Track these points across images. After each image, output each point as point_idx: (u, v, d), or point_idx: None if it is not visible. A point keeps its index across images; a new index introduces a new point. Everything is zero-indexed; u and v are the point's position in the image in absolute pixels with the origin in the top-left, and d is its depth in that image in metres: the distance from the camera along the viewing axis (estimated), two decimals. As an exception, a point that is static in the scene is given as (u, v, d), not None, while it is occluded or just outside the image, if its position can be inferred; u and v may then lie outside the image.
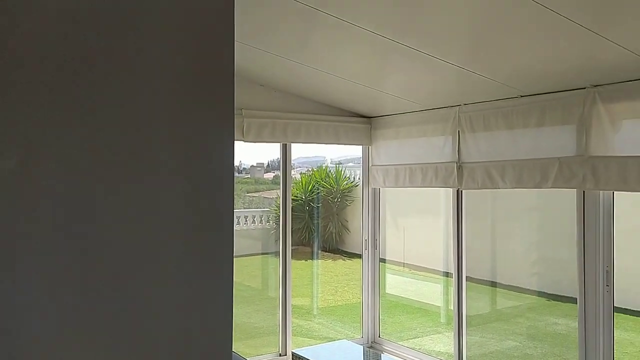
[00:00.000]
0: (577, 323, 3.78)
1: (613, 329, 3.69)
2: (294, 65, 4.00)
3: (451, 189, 4.70)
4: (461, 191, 4.64)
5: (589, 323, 3.71)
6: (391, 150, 5.18)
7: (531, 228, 5.42)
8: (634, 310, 6.41)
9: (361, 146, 5.46)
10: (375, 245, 5.57)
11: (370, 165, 5.44)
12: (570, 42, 2.91)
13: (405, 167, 4.97)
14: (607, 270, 3.61)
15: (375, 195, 5.56)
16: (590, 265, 3.65)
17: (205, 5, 1.36)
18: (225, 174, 1.58)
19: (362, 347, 3.96)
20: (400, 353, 5.09)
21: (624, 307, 6.36)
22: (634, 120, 3.33)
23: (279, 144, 5.00)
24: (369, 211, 5.56)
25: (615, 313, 3.76)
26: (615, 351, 3.75)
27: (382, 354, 3.85)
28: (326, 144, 5.13)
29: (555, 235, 5.10)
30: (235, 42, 1.22)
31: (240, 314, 6.41)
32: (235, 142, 4.70)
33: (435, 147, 4.66)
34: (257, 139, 4.62)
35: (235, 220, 8.74)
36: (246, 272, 7.55)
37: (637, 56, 2.84)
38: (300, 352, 3.88)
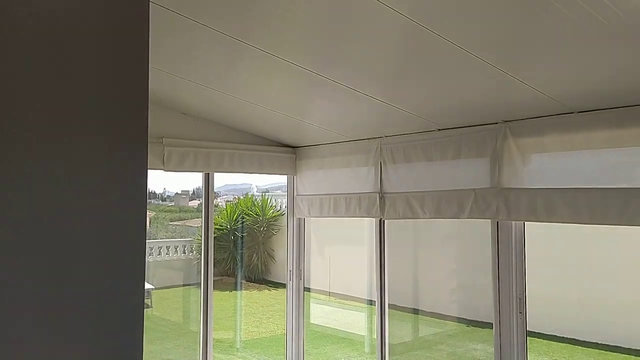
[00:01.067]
0: (493, 348, 3.90)
1: (527, 353, 3.82)
2: (216, 95, 3.96)
3: (374, 219, 4.77)
4: (383, 221, 4.72)
5: (504, 348, 3.82)
6: (316, 180, 5.21)
7: (450, 256, 5.58)
8: (546, 334, 6.72)
9: (286, 176, 5.46)
10: (299, 276, 5.54)
11: (295, 194, 5.44)
12: (481, 80, 3.06)
13: (330, 197, 5.00)
14: (519, 298, 3.76)
15: (300, 225, 5.55)
16: (504, 291, 3.79)
17: (116, 25, 1.31)
18: (137, 203, 1.49)
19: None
20: (324, 385, 5.03)
21: (537, 331, 6.66)
22: (541, 154, 3.52)
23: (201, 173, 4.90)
24: (294, 240, 5.53)
25: (529, 337, 3.91)
26: None
27: (305, 388, 3.78)
28: (250, 173, 5.09)
29: (474, 262, 5.27)
30: (152, 68, 1.18)
31: (159, 351, 6.13)
32: (156, 171, 4.56)
33: (359, 178, 4.72)
34: (179, 168, 4.51)
35: (157, 251, 8.42)
36: (167, 305, 7.27)
37: (543, 95, 3.03)
38: (220, 389, 3.73)
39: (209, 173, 4.89)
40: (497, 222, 3.82)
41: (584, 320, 6.61)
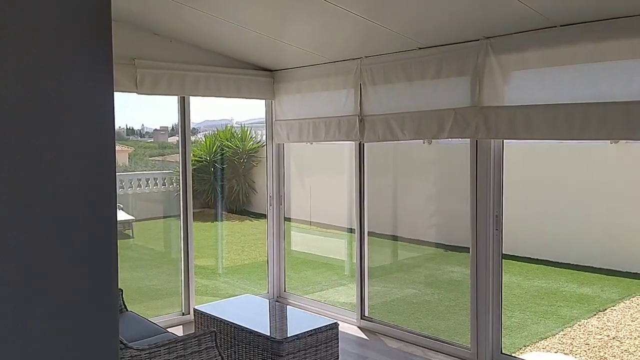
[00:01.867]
0: (469, 270, 3.99)
1: (501, 272, 3.92)
2: (190, 12, 3.78)
3: (354, 144, 4.73)
4: (363, 144, 4.69)
5: (480, 269, 3.91)
6: (294, 104, 5.12)
7: (429, 182, 5.61)
8: (520, 257, 6.91)
9: (264, 100, 5.35)
10: (280, 201, 5.55)
11: (273, 120, 5.35)
12: (464, -9, 2.95)
13: (309, 121, 4.93)
14: (496, 215, 3.81)
15: (280, 152, 5.50)
16: (481, 210, 3.84)
17: None
18: (105, 129, 1.44)
19: (267, 300, 3.95)
20: (304, 305, 5.15)
21: (512, 253, 6.85)
22: (522, 71, 3.47)
23: (176, 97, 4.77)
24: (273, 167, 5.50)
25: (504, 260, 4.01)
26: (504, 293, 4.00)
27: (286, 306, 3.86)
28: (227, 97, 4.96)
29: (452, 188, 5.31)
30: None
31: (142, 278, 6.19)
32: (129, 93, 4.41)
33: (338, 101, 4.65)
34: (152, 91, 4.37)
35: (137, 183, 8.35)
36: (148, 235, 7.28)
37: (526, 7, 2.94)
38: (202, 308, 3.79)
39: (184, 97, 4.76)
40: (476, 142, 3.81)
41: (558, 243, 6.80)
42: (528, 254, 6.91)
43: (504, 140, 3.76)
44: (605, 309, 5.31)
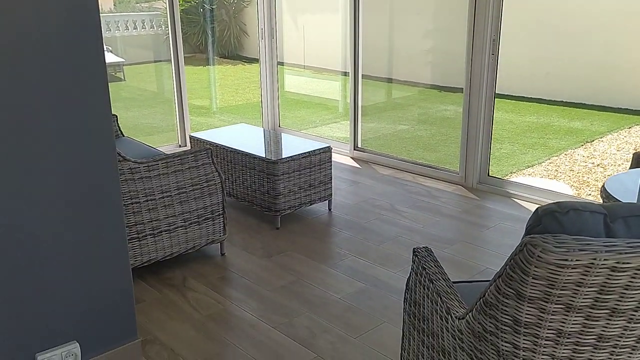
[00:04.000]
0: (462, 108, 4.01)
1: (493, 109, 3.94)
2: None
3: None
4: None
5: (473, 106, 3.93)
6: None
7: (425, 22, 5.40)
8: (514, 96, 6.93)
9: None
10: (272, 35, 5.39)
11: (262, -55, 5.01)
12: None
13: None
14: (493, 39, 3.74)
15: (270, -18, 5.24)
16: (479, 33, 3.76)
17: None
18: None
19: (262, 129, 4.00)
20: (299, 137, 5.25)
21: (506, 93, 6.85)
22: None
23: None
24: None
25: (498, 99, 4.00)
26: (495, 128, 4.05)
27: (281, 134, 3.92)
28: None
29: (449, 27, 5.12)
30: None
31: (137, 116, 6.23)
32: None
33: None
34: None
35: (124, 25, 8.05)
36: (140, 78, 7.17)
37: None
38: (198, 134, 3.85)
39: None
40: None
41: (552, 81, 6.77)
42: (522, 92, 6.92)
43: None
44: (593, 140, 5.45)
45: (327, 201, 3.72)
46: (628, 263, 1.00)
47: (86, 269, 1.96)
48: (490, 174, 4.05)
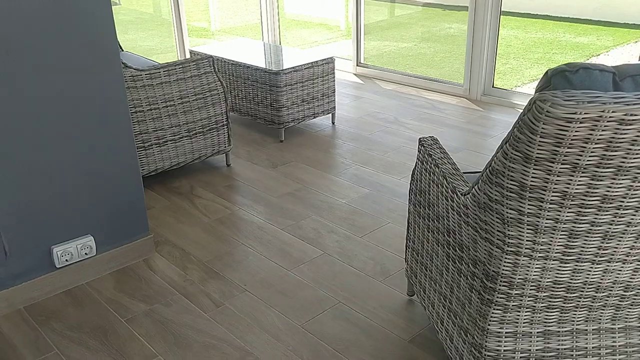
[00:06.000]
0: (467, 26, 3.90)
1: (499, 27, 3.84)
2: None
3: None
4: None
5: (478, 23, 3.83)
6: None
7: None
8: (521, 13, 6.75)
9: None
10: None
11: None
12: None
13: None
14: (500, -58, 3.60)
15: None
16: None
17: None
18: None
19: (262, 42, 3.93)
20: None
21: (512, 10, 6.68)
22: None
23: None
24: None
25: (504, 16, 3.89)
26: (500, 46, 3.96)
27: (282, 46, 3.85)
28: None
29: None
30: None
31: (134, 39, 6.11)
32: None
33: None
34: None
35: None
36: (136, 0, 6.98)
37: None
38: (198, 48, 3.79)
39: None
40: None
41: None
42: (528, 9, 6.74)
43: None
44: (599, 54, 5.36)
45: (330, 114, 3.70)
46: (636, 115, 1.01)
47: (98, 171, 1.99)
48: (494, 86, 4.02)
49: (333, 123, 3.71)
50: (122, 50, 3.58)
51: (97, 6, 1.83)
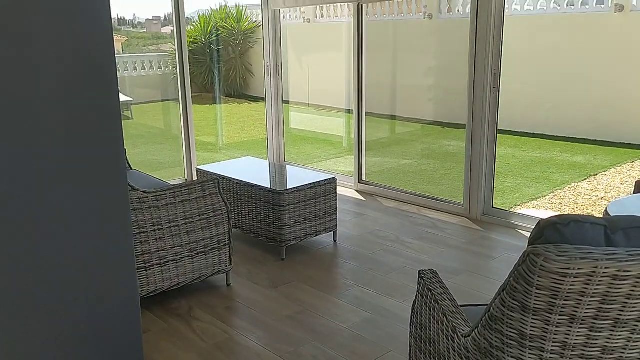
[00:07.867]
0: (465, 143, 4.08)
1: (496, 144, 3.99)
2: None
3: (352, 15, 4.63)
4: (361, 6, 4.59)
5: (476, 141, 3.99)
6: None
7: (428, 60, 5.54)
8: (517, 132, 7.01)
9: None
10: (277, 72, 5.52)
11: (269, -13, 5.19)
12: None
13: (305, -15, 4.79)
14: (494, 73, 3.82)
15: (276, 17, 5.40)
16: (480, 68, 3.84)
17: None
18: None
19: (267, 161, 4.06)
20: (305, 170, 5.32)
21: (508, 129, 6.93)
22: None
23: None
24: (270, 35, 5.41)
25: (500, 135, 4.07)
26: (498, 164, 4.10)
27: (287, 166, 3.98)
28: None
29: (451, 65, 5.25)
30: None
31: (144, 153, 6.32)
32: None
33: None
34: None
35: (132, 66, 8.24)
36: (147, 117, 7.31)
37: None
38: (204, 167, 3.91)
39: (176, -40, 4.59)
40: (477, 15, 3.73)
41: (554, 117, 6.85)
42: (525, 128, 7.00)
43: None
44: (597, 174, 5.47)
45: (332, 232, 3.73)
46: (629, 271, 1.02)
47: (95, 304, 1.98)
48: (494, 206, 4.07)
49: (335, 241, 3.73)
50: (131, 169, 3.70)
51: (109, 133, 1.92)
